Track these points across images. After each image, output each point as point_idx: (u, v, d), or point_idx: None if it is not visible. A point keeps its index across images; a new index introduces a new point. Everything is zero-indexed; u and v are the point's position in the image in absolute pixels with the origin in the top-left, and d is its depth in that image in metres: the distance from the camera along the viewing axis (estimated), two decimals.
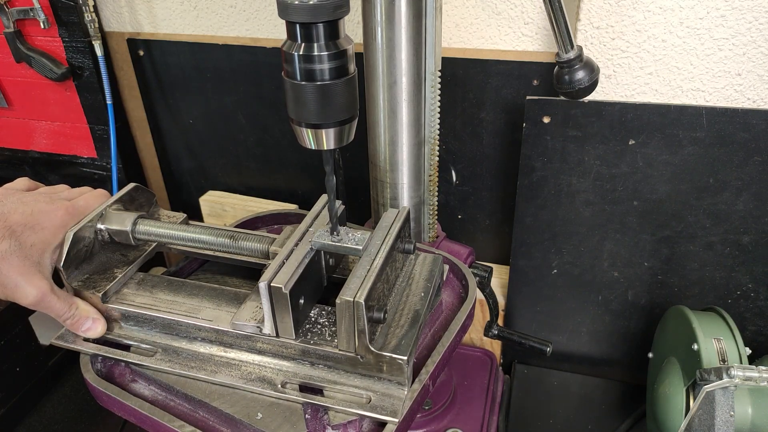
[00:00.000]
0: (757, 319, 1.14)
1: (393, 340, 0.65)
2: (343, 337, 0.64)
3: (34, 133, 1.53)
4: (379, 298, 0.66)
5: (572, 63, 0.90)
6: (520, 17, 1.09)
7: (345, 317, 0.62)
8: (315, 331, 0.68)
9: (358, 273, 0.64)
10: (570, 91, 0.92)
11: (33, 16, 1.30)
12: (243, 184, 1.50)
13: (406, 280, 0.74)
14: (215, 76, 1.35)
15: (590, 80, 0.91)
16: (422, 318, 0.69)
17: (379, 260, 0.66)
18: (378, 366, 0.65)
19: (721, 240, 1.08)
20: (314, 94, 0.58)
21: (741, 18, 0.96)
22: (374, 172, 0.92)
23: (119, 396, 0.67)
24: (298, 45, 0.57)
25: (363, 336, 0.62)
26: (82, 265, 0.75)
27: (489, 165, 1.23)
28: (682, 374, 0.96)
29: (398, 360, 0.63)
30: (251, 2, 1.26)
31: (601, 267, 1.18)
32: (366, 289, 0.61)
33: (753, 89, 1.02)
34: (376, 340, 0.65)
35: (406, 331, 0.66)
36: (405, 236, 0.75)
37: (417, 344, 0.68)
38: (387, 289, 0.69)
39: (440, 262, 0.78)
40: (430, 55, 0.83)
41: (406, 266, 0.76)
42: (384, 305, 0.66)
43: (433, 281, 0.74)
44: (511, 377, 1.33)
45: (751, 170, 1.01)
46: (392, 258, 0.70)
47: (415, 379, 0.66)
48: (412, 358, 0.65)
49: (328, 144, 0.62)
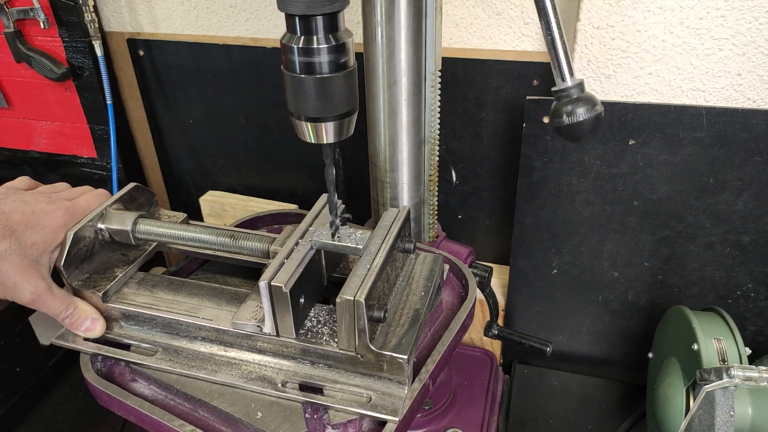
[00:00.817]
0: (757, 319, 1.14)
1: (393, 339, 0.65)
2: (344, 336, 0.64)
3: (34, 133, 1.53)
4: (379, 297, 0.66)
5: (571, 93, 0.74)
6: (520, 17, 1.09)
7: (345, 316, 0.62)
8: (315, 330, 0.68)
9: (358, 272, 0.64)
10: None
11: (33, 16, 1.30)
12: (243, 184, 1.50)
13: (406, 279, 0.74)
14: (215, 76, 1.35)
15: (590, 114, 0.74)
16: (422, 317, 0.69)
17: (379, 259, 0.66)
18: (378, 365, 0.65)
19: (721, 240, 1.08)
20: (313, 87, 0.58)
21: (741, 18, 0.96)
22: (374, 172, 0.92)
23: (119, 395, 0.67)
24: (298, 38, 0.56)
25: (363, 335, 0.62)
26: (82, 264, 0.75)
27: (489, 165, 1.23)
28: (682, 374, 0.96)
29: (398, 359, 0.63)
30: (251, 2, 1.26)
31: (601, 267, 1.18)
32: (366, 288, 0.61)
33: (753, 89, 1.02)
34: (377, 339, 0.65)
35: (407, 330, 0.66)
36: (405, 236, 0.75)
37: (417, 343, 0.68)
38: (387, 288, 0.69)
39: (440, 261, 0.78)
40: (430, 55, 0.83)
41: (406, 266, 0.76)
42: (384, 304, 0.66)
43: (434, 281, 0.74)
44: (511, 377, 1.33)
45: (751, 170, 1.01)
46: (392, 257, 0.70)
47: (415, 378, 0.66)
48: (412, 357, 0.65)
49: (327, 138, 0.62)
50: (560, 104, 0.74)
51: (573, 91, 0.74)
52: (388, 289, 0.70)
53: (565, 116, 0.74)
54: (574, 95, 0.74)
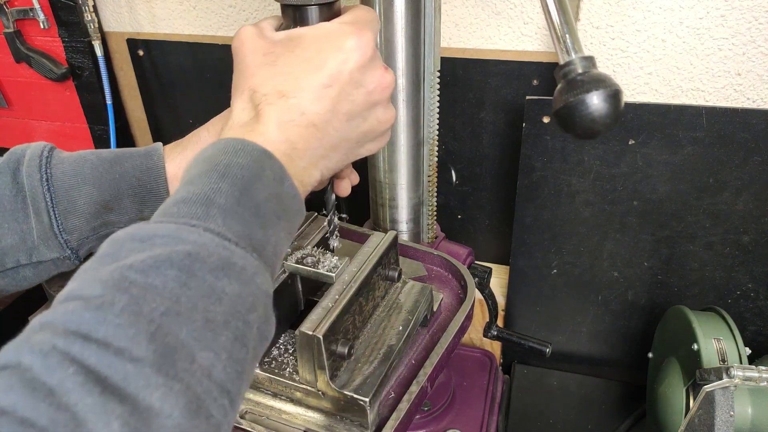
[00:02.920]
0: (757, 319, 1.14)
1: (358, 377, 0.60)
2: (305, 370, 0.60)
3: (33, 133, 1.53)
4: (346, 331, 0.61)
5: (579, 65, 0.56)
6: (519, 17, 1.09)
7: (305, 350, 0.58)
8: (281, 360, 0.64)
9: (324, 303, 0.60)
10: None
11: (32, 16, 1.30)
12: None
13: (386, 310, 0.69)
14: (215, 76, 1.35)
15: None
16: (394, 355, 0.63)
17: (350, 290, 0.61)
18: (340, 405, 0.60)
19: (721, 240, 1.08)
20: None
21: (741, 18, 0.96)
22: (373, 173, 0.92)
23: None
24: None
25: (323, 372, 0.58)
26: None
27: (489, 165, 1.23)
28: (682, 374, 0.96)
29: (359, 401, 0.58)
30: (251, 2, 1.25)
31: (601, 267, 1.18)
32: (329, 321, 0.57)
33: (753, 89, 1.01)
34: (340, 376, 0.60)
35: (375, 368, 0.61)
36: (390, 263, 0.71)
37: (386, 384, 0.63)
38: (360, 321, 0.65)
39: (428, 292, 0.72)
40: (429, 55, 0.83)
41: (390, 294, 0.71)
42: (352, 338, 0.62)
43: (416, 314, 0.69)
44: (511, 377, 1.33)
45: (751, 170, 1.01)
46: (369, 287, 0.66)
47: (377, 421, 0.60)
48: (377, 399, 0.60)
49: None
50: (567, 81, 0.55)
51: (584, 63, 0.55)
52: (361, 321, 0.65)
53: (572, 93, 0.53)
54: (583, 68, 0.55)
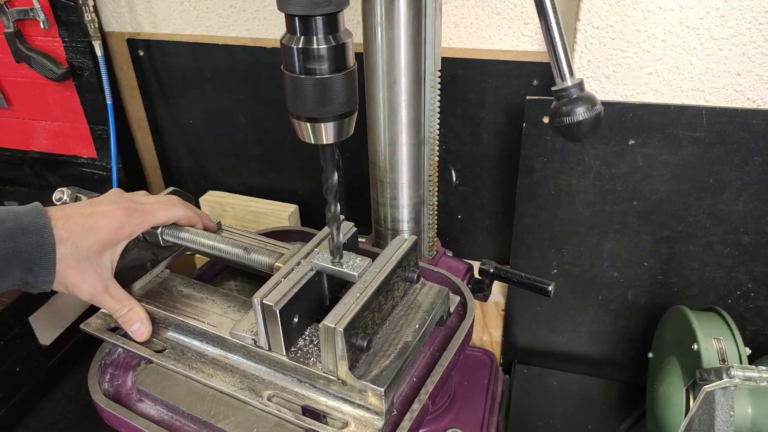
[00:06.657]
0: (757, 319, 1.14)
1: (375, 369, 0.65)
2: (328, 359, 0.64)
3: (34, 133, 1.53)
4: (366, 326, 0.66)
5: (570, 93, 0.75)
6: (519, 17, 1.09)
7: (328, 342, 0.63)
8: (306, 349, 0.69)
9: (346, 300, 0.65)
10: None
11: (33, 16, 1.31)
12: (243, 184, 1.50)
13: (405, 309, 0.74)
14: (215, 76, 1.35)
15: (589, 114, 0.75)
16: (410, 350, 0.68)
17: (371, 289, 0.66)
18: (358, 393, 0.65)
19: (721, 240, 1.08)
20: (313, 87, 0.58)
21: (741, 18, 0.96)
22: (374, 172, 0.92)
23: (126, 416, 0.68)
24: (297, 38, 0.56)
25: (343, 362, 0.63)
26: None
27: (489, 165, 1.23)
28: (682, 374, 0.96)
29: (375, 390, 0.63)
30: (251, 2, 1.26)
31: (601, 267, 1.18)
32: (350, 316, 0.62)
33: (753, 89, 1.01)
34: (358, 367, 0.65)
35: (391, 362, 0.66)
36: (410, 265, 0.75)
37: (401, 376, 0.67)
38: (379, 317, 0.69)
39: (445, 294, 0.76)
40: (429, 55, 0.83)
41: (409, 295, 0.76)
42: (370, 333, 0.66)
43: (432, 314, 0.74)
44: (511, 377, 1.33)
45: (751, 170, 1.01)
46: (389, 287, 0.70)
47: (391, 410, 0.65)
48: (392, 389, 0.65)
49: (327, 138, 0.61)
50: (560, 104, 0.74)
51: (573, 91, 0.74)
52: (380, 318, 0.70)
53: (565, 116, 0.74)
54: (573, 95, 0.74)
